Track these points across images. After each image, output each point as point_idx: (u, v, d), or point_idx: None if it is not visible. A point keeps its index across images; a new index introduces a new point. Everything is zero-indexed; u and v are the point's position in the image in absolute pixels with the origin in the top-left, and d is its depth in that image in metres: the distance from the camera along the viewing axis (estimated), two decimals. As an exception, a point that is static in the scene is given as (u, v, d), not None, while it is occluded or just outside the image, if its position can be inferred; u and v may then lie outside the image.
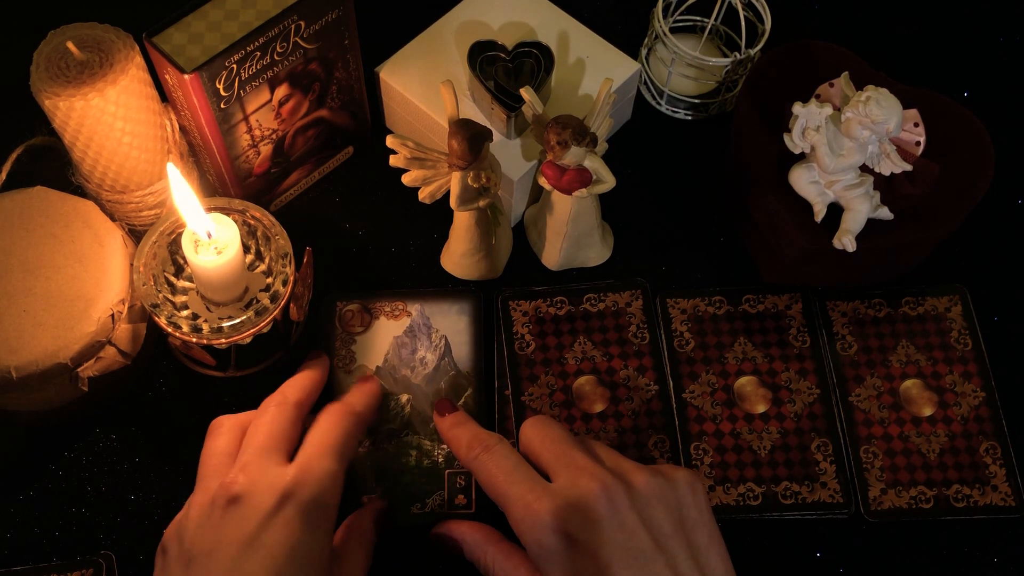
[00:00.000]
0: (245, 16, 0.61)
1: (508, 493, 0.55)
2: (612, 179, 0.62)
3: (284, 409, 0.59)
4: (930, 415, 0.65)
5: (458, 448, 0.59)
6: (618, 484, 0.53)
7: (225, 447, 0.58)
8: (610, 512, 0.52)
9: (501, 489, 0.55)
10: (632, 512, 0.53)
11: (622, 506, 0.53)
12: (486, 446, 0.57)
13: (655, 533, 0.53)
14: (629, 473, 0.55)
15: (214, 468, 0.57)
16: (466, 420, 0.61)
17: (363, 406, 0.62)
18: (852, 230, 0.63)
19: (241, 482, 0.54)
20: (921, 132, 0.66)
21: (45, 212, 0.62)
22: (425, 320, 0.68)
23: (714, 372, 0.67)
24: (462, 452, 0.58)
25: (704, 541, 0.54)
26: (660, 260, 0.71)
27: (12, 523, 0.62)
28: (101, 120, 0.59)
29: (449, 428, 0.60)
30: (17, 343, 0.58)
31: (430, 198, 0.63)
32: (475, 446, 0.57)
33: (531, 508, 0.53)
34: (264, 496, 0.54)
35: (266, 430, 0.57)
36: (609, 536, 0.52)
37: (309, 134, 0.70)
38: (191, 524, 0.54)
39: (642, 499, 0.54)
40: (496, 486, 0.55)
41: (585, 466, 0.54)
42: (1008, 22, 0.83)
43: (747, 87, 0.68)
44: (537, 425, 0.58)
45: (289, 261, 0.62)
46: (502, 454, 0.57)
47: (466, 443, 0.58)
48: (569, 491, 0.53)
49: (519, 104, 0.66)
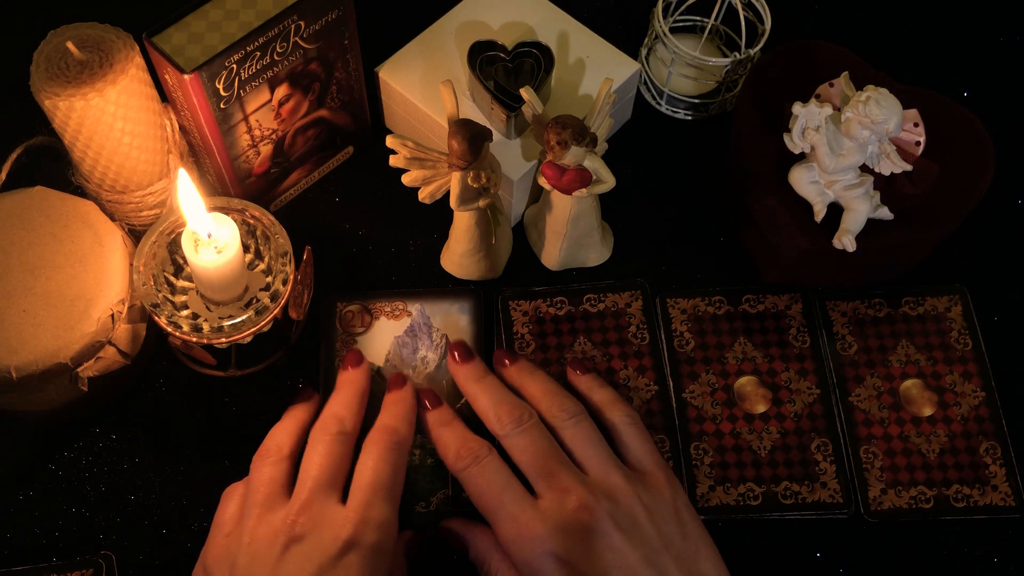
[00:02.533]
0: (245, 16, 0.61)
1: (498, 511, 0.55)
2: (612, 179, 0.62)
3: (340, 440, 0.58)
4: (930, 415, 0.65)
5: (445, 453, 0.59)
6: (603, 504, 0.54)
7: (278, 476, 0.57)
8: (598, 535, 0.54)
9: (491, 506, 0.56)
10: (619, 532, 0.54)
11: (609, 528, 0.54)
12: (476, 457, 0.57)
13: (644, 549, 0.54)
14: (613, 490, 0.55)
15: (267, 497, 0.56)
16: (452, 419, 0.61)
17: (405, 427, 0.60)
18: (852, 230, 0.63)
19: (302, 523, 0.54)
20: (921, 132, 0.66)
21: (45, 212, 0.62)
22: (426, 319, 0.68)
23: (714, 372, 0.67)
24: (450, 459, 0.59)
25: (692, 548, 0.55)
26: (660, 260, 0.71)
27: (12, 523, 0.62)
28: (101, 120, 0.59)
29: (436, 426, 0.61)
30: (17, 343, 0.58)
31: (430, 198, 0.63)
32: (464, 455, 0.58)
33: (522, 530, 0.54)
34: (327, 541, 0.53)
35: (321, 462, 0.57)
36: (600, 558, 0.53)
37: (309, 134, 0.70)
38: (245, 553, 0.54)
39: (628, 517, 0.55)
40: (486, 502, 0.56)
41: (570, 487, 0.55)
42: (1008, 22, 0.83)
43: (747, 87, 0.68)
44: (525, 434, 0.58)
45: (289, 260, 0.62)
46: (493, 468, 0.57)
47: (455, 450, 0.58)
48: (558, 514, 0.54)
49: (519, 104, 0.66)
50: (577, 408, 0.60)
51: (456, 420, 0.61)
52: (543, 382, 0.61)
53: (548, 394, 0.60)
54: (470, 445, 0.58)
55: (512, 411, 0.59)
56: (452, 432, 0.60)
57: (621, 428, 0.59)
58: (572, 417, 0.59)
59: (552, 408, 0.59)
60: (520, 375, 0.62)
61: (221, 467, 0.64)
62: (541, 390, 0.61)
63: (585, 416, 0.59)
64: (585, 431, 0.58)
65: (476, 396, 0.61)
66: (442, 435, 0.60)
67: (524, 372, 0.62)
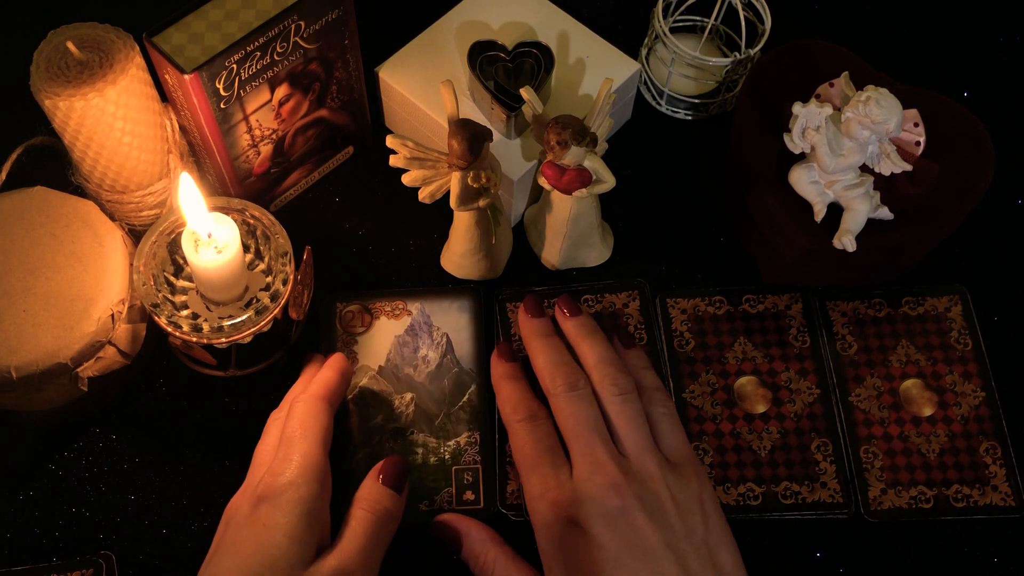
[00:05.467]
0: (245, 16, 0.61)
1: (534, 468, 0.58)
2: (612, 179, 0.62)
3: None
4: (930, 415, 0.65)
5: (503, 403, 0.62)
6: (633, 485, 0.56)
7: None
8: (621, 511, 0.55)
9: (529, 461, 0.58)
10: (643, 514, 0.55)
11: (634, 508, 0.55)
12: (532, 416, 0.60)
13: (666, 533, 0.55)
14: (645, 474, 0.57)
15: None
16: (519, 376, 0.63)
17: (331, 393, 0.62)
18: (852, 230, 0.63)
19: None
20: (921, 132, 0.66)
21: (45, 212, 0.62)
22: (426, 318, 0.68)
23: (714, 372, 0.67)
24: (507, 409, 0.61)
25: (714, 540, 0.56)
26: (660, 260, 0.71)
27: (12, 523, 0.62)
28: (101, 120, 0.58)
29: (501, 377, 0.63)
30: (17, 343, 0.58)
31: (430, 198, 0.63)
32: (521, 410, 0.60)
33: (550, 490, 0.56)
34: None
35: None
36: (619, 532, 0.54)
37: (309, 134, 0.70)
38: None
39: (654, 502, 0.56)
40: (525, 457, 0.59)
41: (603, 461, 0.56)
42: (1008, 22, 0.83)
43: (747, 87, 0.68)
44: (574, 402, 0.59)
45: (289, 260, 0.62)
46: (543, 431, 0.59)
47: (513, 403, 0.61)
48: (587, 485, 0.56)
49: (519, 104, 0.66)
50: (629, 385, 0.60)
51: (522, 379, 0.63)
52: (600, 348, 0.62)
53: (603, 363, 0.61)
54: (528, 404, 0.61)
55: (568, 375, 0.60)
56: (515, 387, 0.62)
57: (659, 417, 0.60)
58: (622, 394, 0.60)
59: (605, 380, 0.60)
60: (578, 334, 0.63)
61: (221, 467, 0.64)
62: (597, 357, 0.62)
63: (634, 395, 0.60)
64: (631, 411, 0.59)
65: (537, 352, 0.63)
66: (504, 387, 0.62)
67: (583, 332, 0.63)
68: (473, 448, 0.64)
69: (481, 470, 0.63)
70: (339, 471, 0.59)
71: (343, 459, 0.62)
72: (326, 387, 0.61)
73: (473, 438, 0.64)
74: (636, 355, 0.64)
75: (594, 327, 0.64)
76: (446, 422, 0.64)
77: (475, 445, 0.64)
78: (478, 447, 0.64)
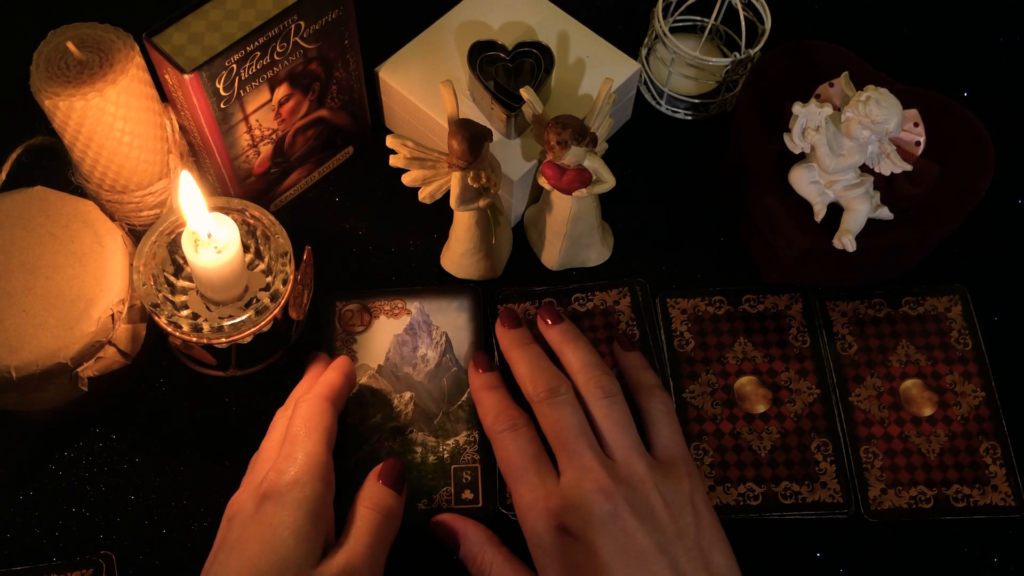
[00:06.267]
0: (245, 16, 0.61)
1: (521, 478, 0.57)
2: (612, 179, 0.62)
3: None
4: (930, 415, 0.65)
5: (484, 414, 0.61)
6: (621, 489, 0.55)
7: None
8: (612, 517, 0.54)
9: (516, 472, 0.58)
10: (634, 518, 0.54)
11: (624, 512, 0.54)
12: (514, 425, 0.59)
13: (657, 537, 0.54)
14: (633, 477, 0.56)
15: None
16: (499, 386, 0.62)
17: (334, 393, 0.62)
18: (852, 230, 0.63)
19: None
20: (921, 132, 0.66)
21: (45, 212, 0.62)
22: (425, 317, 0.68)
23: (714, 372, 0.67)
24: (488, 420, 0.61)
25: (706, 541, 0.55)
26: (660, 260, 0.71)
27: (12, 523, 0.62)
28: (101, 120, 0.59)
29: (480, 388, 0.62)
30: (17, 343, 0.58)
31: (430, 198, 0.63)
32: (503, 421, 0.60)
33: (538, 500, 0.56)
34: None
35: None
36: (610, 538, 0.54)
37: (309, 134, 0.70)
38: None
39: (644, 505, 0.55)
40: (512, 467, 0.58)
41: (591, 467, 0.56)
42: (1008, 22, 0.83)
43: (747, 87, 0.68)
44: (558, 407, 0.59)
45: (289, 260, 0.62)
46: (527, 439, 0.59)
47: (494, 414, 0.60)
48: (575, 492, 0.55)
49: (519, 104, 0.66)
50: (614, 388, 0.60)
51: (502, 388, 0.62)
52: (583, 352, 0.62)
53: (586, 367, 0.61)
54: (510, 413, 0.60)
55: (550, 381, 0.60)
56: (495, 397, 0.62)
57: (656, 415, 0.60)
58: (607, 397, 0.59)
59: (589, 383, 0.60)
60: (562, 340, 0.63)
61: (221, 467, 0.64)
62: (580, 361, 0.61)
63: (620, 397, 0.60)
64: (617, 413, 0.59)
65: (517, 361, 0.62)
66: (485, 398, 0.62)
67: (566, 338, 0.63)
68: (472, 447, 0.64)
69: (480, 469, 0.63)
70: (338, 469, 0.59)
71: (342, 458, 0.62)
72: (330, 388, 0.61)
73: (472, 437, 0.64)
74: (635, 355, 0.64)
75: (576, 333, 0.63)
76: (445, 421, 0.64)
77: (474, 444, 0.64)
78: (477, 446, 0.64)
